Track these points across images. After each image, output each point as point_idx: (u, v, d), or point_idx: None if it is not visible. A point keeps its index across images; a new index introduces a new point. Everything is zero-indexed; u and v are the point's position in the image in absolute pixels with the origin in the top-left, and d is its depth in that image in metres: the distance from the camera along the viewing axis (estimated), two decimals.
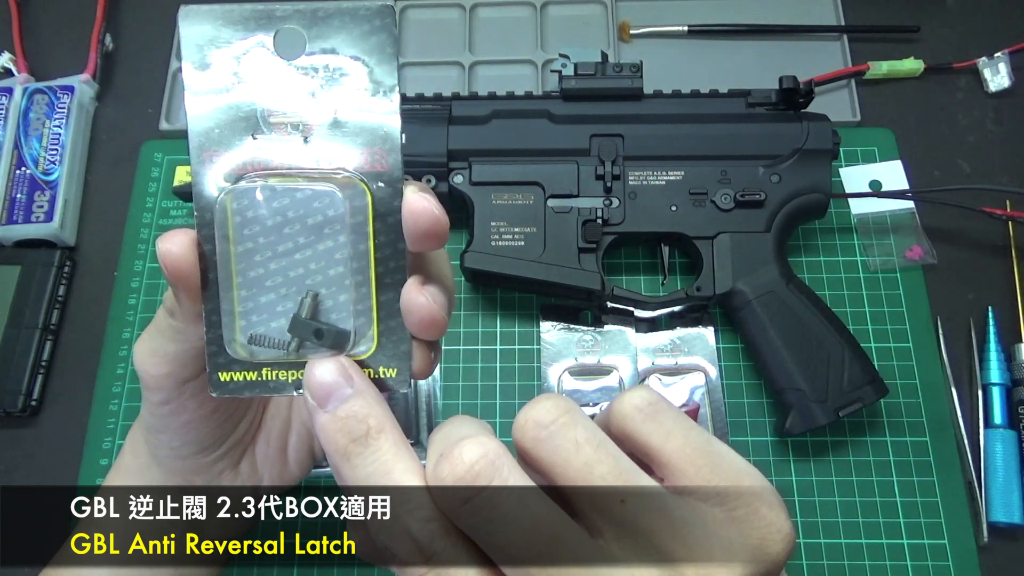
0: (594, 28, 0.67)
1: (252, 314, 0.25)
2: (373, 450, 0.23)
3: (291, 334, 0.25)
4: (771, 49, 0.66)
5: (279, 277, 0.25)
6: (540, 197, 0.53)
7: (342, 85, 0.25)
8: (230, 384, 0.26)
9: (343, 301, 0.25)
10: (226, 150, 0.25)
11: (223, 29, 0.25)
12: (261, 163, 0.25)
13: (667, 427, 0.23)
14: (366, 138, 0.25)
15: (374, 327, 0.26)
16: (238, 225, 0.25)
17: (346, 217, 0.25)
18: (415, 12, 0.68)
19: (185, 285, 0.25)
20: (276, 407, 0.34)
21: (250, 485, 0.34)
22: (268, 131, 0.25)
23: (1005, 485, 0.51)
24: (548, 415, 0.23)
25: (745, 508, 0.22)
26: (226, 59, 0.25)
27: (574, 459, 0.22)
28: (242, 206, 0.25)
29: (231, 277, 0.25)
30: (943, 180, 0.61)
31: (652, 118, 0.54)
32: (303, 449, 0.34)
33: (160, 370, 0.29)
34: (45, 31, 0.68)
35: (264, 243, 0.25)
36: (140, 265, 0.59)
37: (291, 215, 0.25)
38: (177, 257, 0.25)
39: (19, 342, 0.55)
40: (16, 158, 0.60)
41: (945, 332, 0.56)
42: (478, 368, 0.55)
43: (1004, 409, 0.53)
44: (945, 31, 0.67)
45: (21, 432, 0.55)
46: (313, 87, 0.25)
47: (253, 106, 0.25)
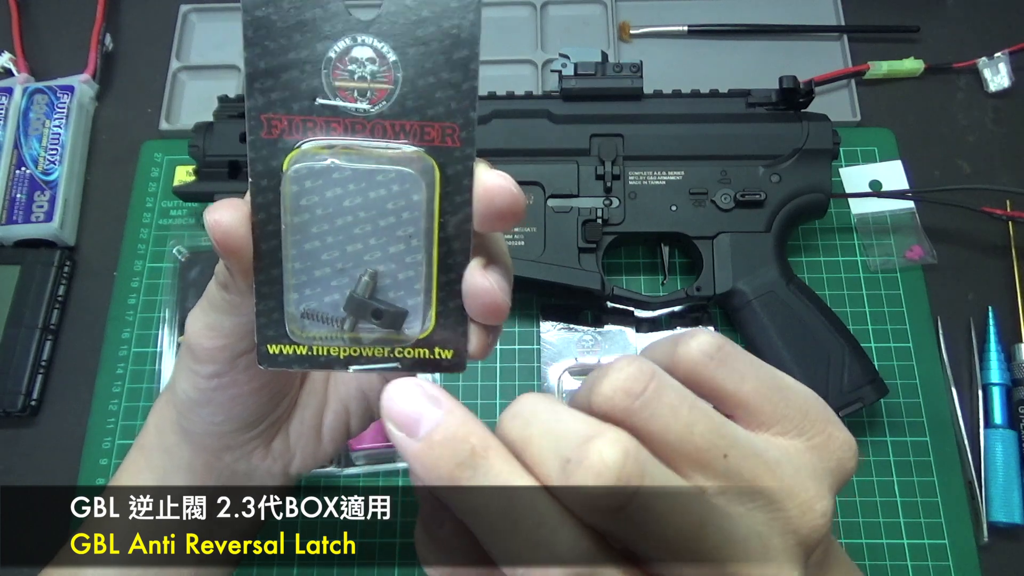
0: (594, 28, 0.67)
1: (305, 287, 0.24)
2: (485, 471, 0.21)
3: (346, 312, 0.24)
4: (771, 49, 0.66)
5: (336, 251, 0.24)
6: (540, 197, 0.53)
7: (420, 52, 0.23)
8: (279, 357, 0.25)
9: (402, 280, 0.25)
10: (286, 113, 0.23)
11: None
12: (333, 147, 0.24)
13: (740, 370, 0.23)
14: (438, 111, 0.24)
15: (433, 308, 0.25)
16: (295, 195, 0.24)
17: (411, 194, 0.24)
18: None
19: (236, 258, 0.24)
20: (312, 383, 0.33)
21: (280, 464, 0.33)
22: (333, 97, 0.24)
23: (1005, 485, 0.51)
24: (638, 384, 0.21)
25: (820, 435, 0.23)
26: (291, 11, 0.23)
27: (674, 424, 0.21)
28: (300, 175, 0.24)
29: (285, 248, 0.24)
30: (943, 180, 0.61)
31: (652, 118, 0.54)
32: (339, 427, 0.34)
33: (215, 343, 0.28)
34: (45, 31, 0.68)
35: (322, 215, 0.24)
36: (140, 265, 0.59)
37: (352, 188, 0.24)
38: (227, 228, 0.24)
39: (19, 342, 0.55)
40: (16, 158, 0.60)
41: (945, 332, 0.56)
42: (478, 368, 0.55)
43: (1004, 409, 0.53)
44: (945, 31, 0.67)
45: (21, 432, 0.55)
46: (386, 50, 0.23)
47: (318, 65, 0.23)
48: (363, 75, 0.23)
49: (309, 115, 0.23)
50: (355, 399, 0.33)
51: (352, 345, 0.25)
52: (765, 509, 0.22)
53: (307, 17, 0.23)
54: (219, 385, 0.30)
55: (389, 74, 0.23)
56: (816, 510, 0.22)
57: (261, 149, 0.24)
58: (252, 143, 0.24)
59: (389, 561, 0.51)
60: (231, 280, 0.26)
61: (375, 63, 0.23)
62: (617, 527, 0.20)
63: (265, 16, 0.23)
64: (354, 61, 0.23)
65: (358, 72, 0.23)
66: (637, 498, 0.19)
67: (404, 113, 0.23)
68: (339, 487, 0.52)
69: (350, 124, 0.24)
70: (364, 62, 0.23)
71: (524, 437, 0.21)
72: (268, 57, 0.23)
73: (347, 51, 0.23)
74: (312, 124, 0.24)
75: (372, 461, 0.52)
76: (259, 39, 0.23)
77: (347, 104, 0.23)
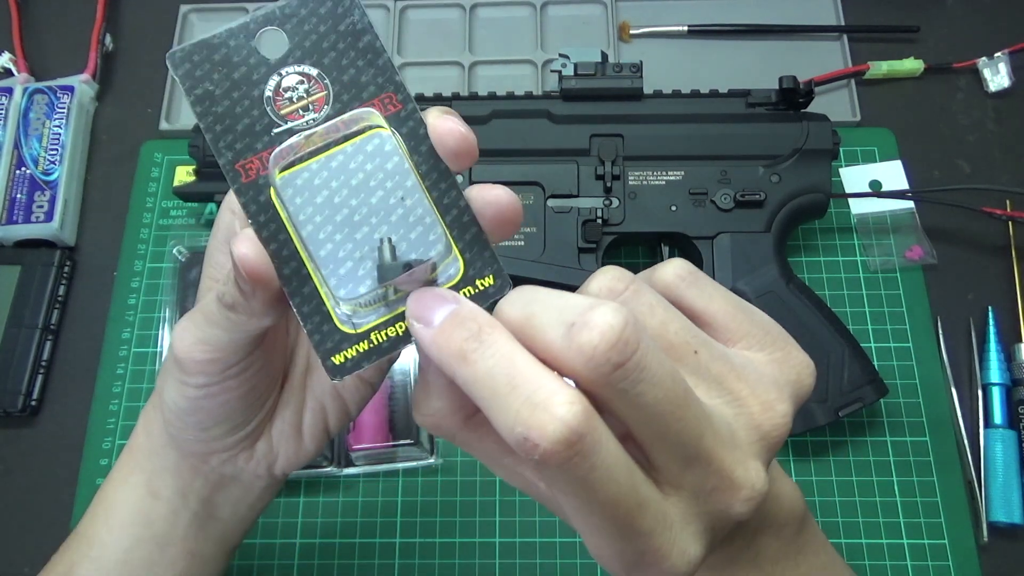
0: (594, 28, 0.67)
1: (339, 289, 0.26)
2: (489, 344, 0.22)
3: (382, 283, 0.26)
4: (771, 49, 0.66)
5: (348, 244, 0.26)
6: (540, 197, 0.53)
7: (333, 57, 0.27)
8: (347, 364, 0.26)
9: (415, 238, 0.26)
10: (254, 155, 0.26)
11: (208, 55, 0.26)
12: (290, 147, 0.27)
13: (708, 291, 0.27)
14: (370, 90, 0.27)
15: (455, 248, 0.26)
16: (292, 215, 0.26)
17: (385, 164, 0.26)
18: (415, 12, 0.68)
19: (265, 286, 0.25)
20: (291, 384, 0.34)
21: (265, 464, 0.34)
22: (284, 123, 0.26)
23: (1005, 485, 0.51)
24: (619, 283, 0.25)
25: (781, 351, 0.26)
26: (223, 79, 0.27)
27: (651, 320, 0.24)
28: (288, 196, 0.26)
29: (306, 264, 0.26)
30: (943, 180, 0.61)
31: (652, 118, 0.54)
32: (318, 426, 0.34)
33: (207, 356, 0.29)
34: (45, 31, 0.68)
35: (321, 221, 0.26)
36: (140, 265, 0.59)
37: (334, 184, 0.26)
38: (255, 260, 0.25)
39: (19, 342, 0.56)
40: (16, 158, 0.60)
41: (945, 332, 0.56)
42: None
43: (1004, 409, 0.53)
44: (945, 31, 0.67)
45: (21, 432, 0.55)
46: (307, 69, 0.27)
47: (262, 106, 0.27)
48: (300, 95, 0.27)
49: (271, 146, 0.26)
50: (331, 397, 0.34)
51: (403, 318, 0.26)
52: (732, 404, 0.25)
53: (236, 76, 0.27)
54: (208, 394, 0.30)
55: (319, 84, 0.27)
56: (777, 411, 0.25)
57: (248, 192, 0.26)
58: (238, 191, 0.26)
59: (389, 559, 0.51)
60: (243, 302, 0.26)
61: (304, 82, 0.27)
62: (612, 392, 0.21)
63: (204, 91, 0.26)
64: (287, 89, 0.27)
65: (295, 95, 0.27)
66: (636, 357, 0.21)
67: (345, 106, 0.27)
68: (339, 487, 0.52)
69: (311, 134, 0.27)
70: (295, 86, 0.27)
71: (527, 314, 0.23)
72: (219, 120, 0.26)
73: (279, 85, 0.27)
74: (284, 152, 0.26)
75: (372, 461, 0.52)
76: (207, 110, 0.26)
77: (298, 122, 0.27)
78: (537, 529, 0.51)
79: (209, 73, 0.27)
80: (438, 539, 0.51)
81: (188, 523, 0.34)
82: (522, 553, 0.50)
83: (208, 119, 0.26)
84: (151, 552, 0.34)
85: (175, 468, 0.33)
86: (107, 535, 0.34)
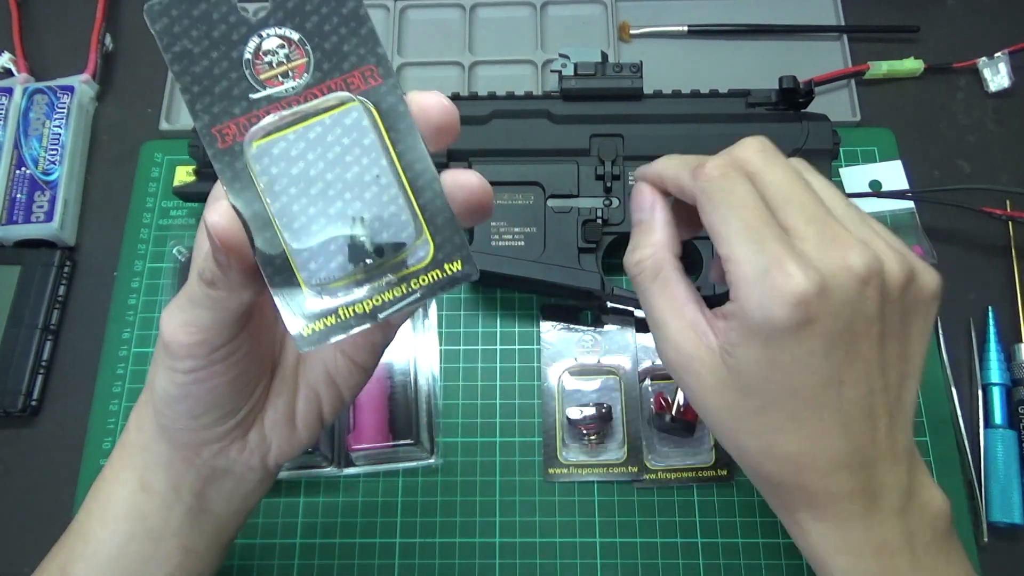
0: (594, 28, 0.67)
1: (310, 262, 0.26)
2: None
3: (352, 263, 0.26)
4: (771, 49, 0.66)
5: (321, 219, 0.26)
6: (540, 197, 0.53)
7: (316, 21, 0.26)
8: (314, 336, 0.26)
9: (388, 218, 0.26)
10: (231, 119, 0.26)
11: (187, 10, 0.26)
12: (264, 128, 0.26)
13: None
14: (352, 60, 0.26)
15: (425, 231, 0.26)
16: (267, 185, 0.26)
17: (362, 140, 0.26)
18: (415, 12, 0.68)
19: (238, 254, 0.26)
20: (283, 372, 0.34)
21: (258, 455, 0.34)
22: (262, 88, 0.26)
23: (1005, 485, 0.51)
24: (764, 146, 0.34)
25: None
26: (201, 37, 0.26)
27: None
28: (263, 166, 0.26)
29: (279, 234, 0.26)
30: (943, 180, 0.61)
31: (652, 118, 0.54)
32: (312, 414, 0.34)
33: (193, 338, 0.29)
34: (45, 31, 0.68)
35: (296, 192, 0.26)
36: (140, 265, 0.59)
37: (310, 156, 0.26)
38: (226, 227, 0.25)
39: (19, 342, 0.56)
40: (16, 158, 0.60)
41: (945, 332, 0.56)
42: (478, 368, 0.55)
43: (1004, 409, 0.53)
44: (945, 31, 0.67)
45: (21, 432, 0.55)
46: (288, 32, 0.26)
47: (240, 69, 0.26)
48: (280, 60, 0.26)
49: (250, 112, 0.26)
50: (324, 384, 0.34)
51: (373, 295, 0.26)
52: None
53: (215, 35, 0.26)
54: (196, 379, 0.30)
55: (299, 49, 0.26)
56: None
57: (223, 158, 0.26)
58: (214, 156, 0.26)
59: (389, 559, 0.51)
60: (221, 277, 0.27)
61: (285, 47, 0.26)
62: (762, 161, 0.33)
63: (182, 48, 0.26)
64: (267, 52, 0.26)
65: (275, 59, 0.26)
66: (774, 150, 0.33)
67: (326, 76, 0.26)
68: (339, 487, 0.52)
69: (286, 104, 0.26)
70: (275, 50, 0.26)
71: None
72: (197, 80, 0.26)
73: (258, 47, 0.26)
74: (256, 119, 0.26)
75: (372, 461, 0.52)
76: (184, 69, 0.26)
77: (277, 89, 0.26)
78: (537, 529, 0.51)
79: (187, 30, 0.26)
80: (438, 539, 0.51)
81: (182, 517, 0.34)
82: (522, 553, 0.50)
83: (186, 79, 0.26)
84: (145, 547, 0.34)
85: (167, 462, 0.33)
86: (101, 531, 0.34)
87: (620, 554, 0.50)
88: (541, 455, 0.53)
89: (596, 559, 0.50)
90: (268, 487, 0.37)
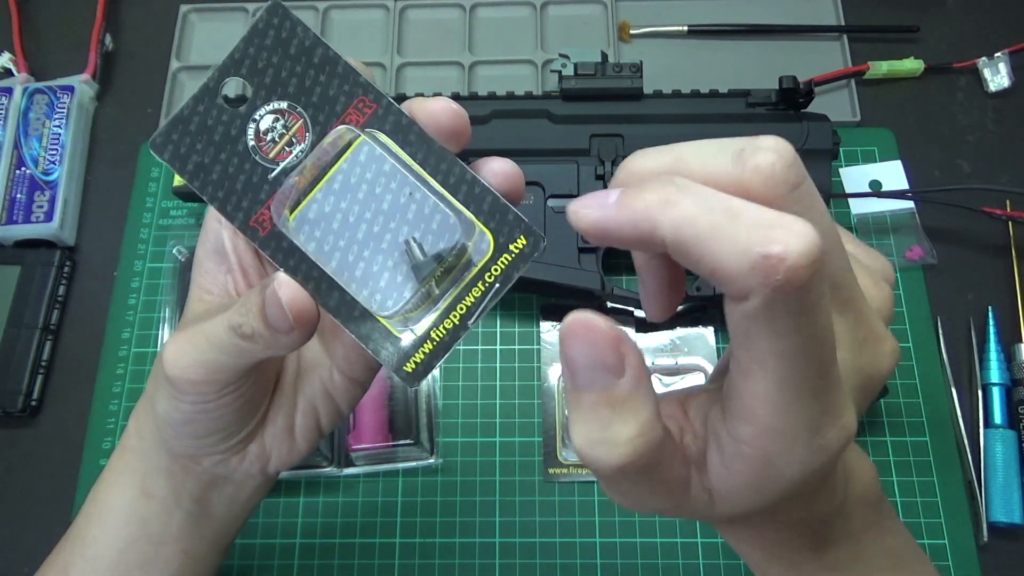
0: (594, 28, 0.67)
1: (386, 302, 0.26)
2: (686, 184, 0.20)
3: (420, 282, 0.26)
4: (771, 49, 0.66)
5: (378, 257, 0.26)
6: (540, 197, 0.53)
7: (296, 83, 0.27)
8: (419, 369, 0.26)
9: (437, 228, 0.26)
10: (262, 206, 0.27)
11: (184, 128, 0.27)
12: (289, 188, 0.27)
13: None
14: (342, 101, 0.27)
15: (477, 224, 0.26)
16: (316, 250, 0.26)
17: (382, 166, 0.26)
18: (415, 12, 0.68)
19: (309, 324, 0.26)
20: (282, 388, 0.34)
21: (258, 465, 0.34)
22: (277, 165, 0.27)
23: (1005, 485, 0.51)
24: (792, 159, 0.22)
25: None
26: (206, 146, 0.27)
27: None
28: (306, 234, 0.26)
29: (347, 291, 0.26)
30: (943, 180, 0.61)
31: (652, 118, 0.54)
32: (310, 426, 0.34)
33: (205, 378, 0.28)
34: (45, 31, 0.68)
35: (345, 244, 0.26)
36: (140, 265, 0.59)
37: (343, 205, 0.26)
38: (303, 303, 0.25)
39: (19, 342, 0.55)
40: (16, 158, 0.60)
41: (945, 332, 0.56)
42: (478, 368, 0.55)
43: (1004, 409, 0.53)
44: (945, 31, 0.67)
45: (21, 432, 0.55)
46: (276, 104, 0.27)
47: (250, 157, 0.27)
48: (280, 132, 0.27)
49: (273, 192, 0.27)
50: (322, 399, 0.34)
51: (456, 305, 0.26)
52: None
53: (216, 139, 0.27)
54: (203, 410, 0.30)
55: (292, 114, 0.27)
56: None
57: (270, 243, 0.27)
58: (261, 246, 0.27)
59: (389, 559, 0.51)
60: (266, 335, 0.26)
61: (279, 118, 0.27)
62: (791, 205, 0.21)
63: (194, 165, 0.27)
64: (267, 131, 0.27)
65: (275, 134, 0.27)
66: (807, 182, 0.21)
67: (325, 126, 0.27)
68: (339, 487, 0.52)
69: (303, 168, 0.27)
70: (272, 126, 0.27)
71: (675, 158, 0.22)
72: (218, 186, 0.27)
73: (257, 131, 0.27)
74: (284, 195, 0.27)
75: (372, 461, 0.52)
76: (204, 181, 0.27)
77: (289, 159, 0.27)
78: (537, 529, 0.51)
79: (192, 147, 0.27)
80: (438, 539, 0.51)
81: (182, 522, 0.34)
82: (522, 553, 0.50)
83: (208, 189, 0.27)
84: (146, 552, 0.34)
85: (167, 469, 0.33)
86: (101, 535, 0.34)
87: (620, 554, 0.50)
88: (541, 455, 0.53)
89: (596, 559, 0.50)
90: (267, 491, 0.37)
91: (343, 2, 0.68)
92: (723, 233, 0.19)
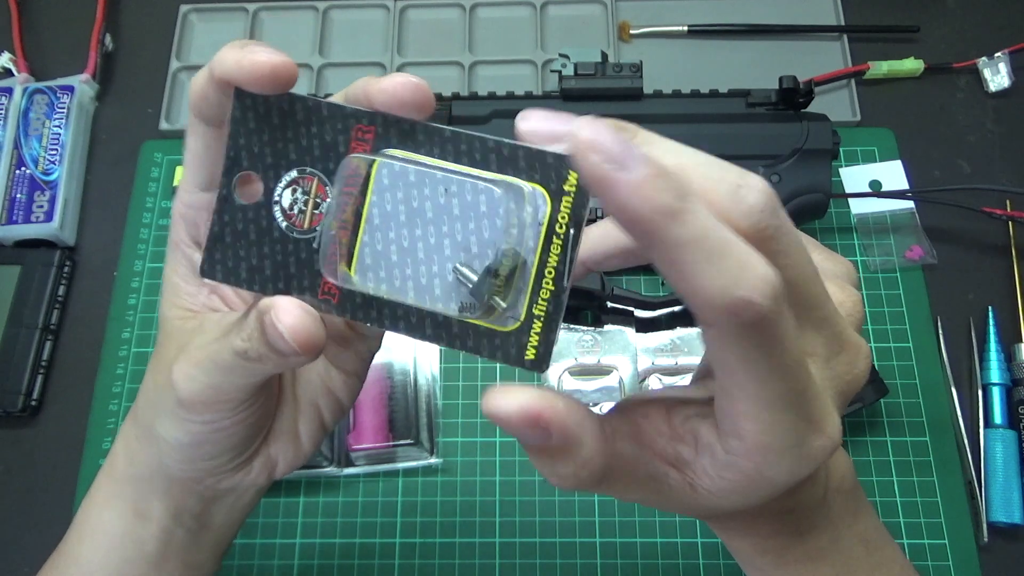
0: (594, 28, 0.67)
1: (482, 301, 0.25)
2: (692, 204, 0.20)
3: (479, 302, 0.25)
4: (771, 49, 0.66)
5: (447, 266, 0.25)
6: None
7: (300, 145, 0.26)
8: (540, 351, 0.25)
9: (485, 208, 0.25)
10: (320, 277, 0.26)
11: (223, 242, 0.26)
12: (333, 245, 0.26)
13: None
14: (343, 141, 0.26)
15: (524, 184, 0.25)
16: (388, 291, 0.25)
17: (407, 180, 0.25)
18: (415, 12, 0.68)
19: (316, 351, 0.25)
20: (284, 395, 0.33)
21: (265, 474, 0.33)
22: (315, 234, 0.26)
23: (1005, 485, 0.51)
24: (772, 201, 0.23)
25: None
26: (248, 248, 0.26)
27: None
28: (374, 283, 0.25)
29: (437, 314, 0.25)
30: (943, 180, 0.61)
31: (652, 118, 0.54)
32: (314, 426, 0.33)
33: (219, 399, 0.28)
34: (45, 31, 0.68)
35: (411, 272, 0.25)
36: (140, 265, 0.59)
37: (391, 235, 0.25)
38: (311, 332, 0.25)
39: (19, 342, 0.55)
40: (16, 158, 0.60)
41: (945, 332, 0.56)
42: (478, 368, 0.55)
43: (1004, 409, 0.53)
44: (945, 31, 0.67)
45: (21, 432, 0.55)
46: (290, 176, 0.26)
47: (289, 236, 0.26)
48: (303, 200, 0.26)
49: (327, 258, 0.26)
50: (322, 396, 0.33)
51: (544, 271, 0.25)
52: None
53: (253, 237, 0.26)
54: (216, 429, 0.29)
55: (307, 178, 0.26)
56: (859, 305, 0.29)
57: (345, 305, 0.26)
58: (338, 312, 0.26)
59: (389, 559, 0.51)
60: (273, 357, 0.26)
61: (296, 188, 0.26)
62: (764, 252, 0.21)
63: (246, 272, 0.26)
64: (291, 206, 0.26)
65: (298, 205, 0.26)
66: (786, 222, 0.22)
67: (340, 172, 0.26)
68: (339, 487, 0.52)
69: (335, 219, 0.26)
70: (294, 198, 0.26)
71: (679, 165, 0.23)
72: (275, 280, 0.26)
73: (283, 211, 0.26)
74: (332, 256, 0.26)
75: (372, 461, 0.52)
76: (263, 283, 0.26)
77: (323, 220, 0.26)
78: (537, 529, 0.51)
79: (236, 257, 0.26)
80: (438, 539, 0.51)
81: (183, 539, 0.33)
82: (522, 553, 0.50)
83: (268, 287, 0.26)
84: (145, 571, 0.33)
85: (165, 492, 0.32)
86: (96, 555, 0.33)
87: (620, 554, 0.50)
88: None
89: (596, 559, 0.50)
90: (266, 491, 0.36)
91: (343, 2, 0.68)
92: (713, 267, 0.20)
